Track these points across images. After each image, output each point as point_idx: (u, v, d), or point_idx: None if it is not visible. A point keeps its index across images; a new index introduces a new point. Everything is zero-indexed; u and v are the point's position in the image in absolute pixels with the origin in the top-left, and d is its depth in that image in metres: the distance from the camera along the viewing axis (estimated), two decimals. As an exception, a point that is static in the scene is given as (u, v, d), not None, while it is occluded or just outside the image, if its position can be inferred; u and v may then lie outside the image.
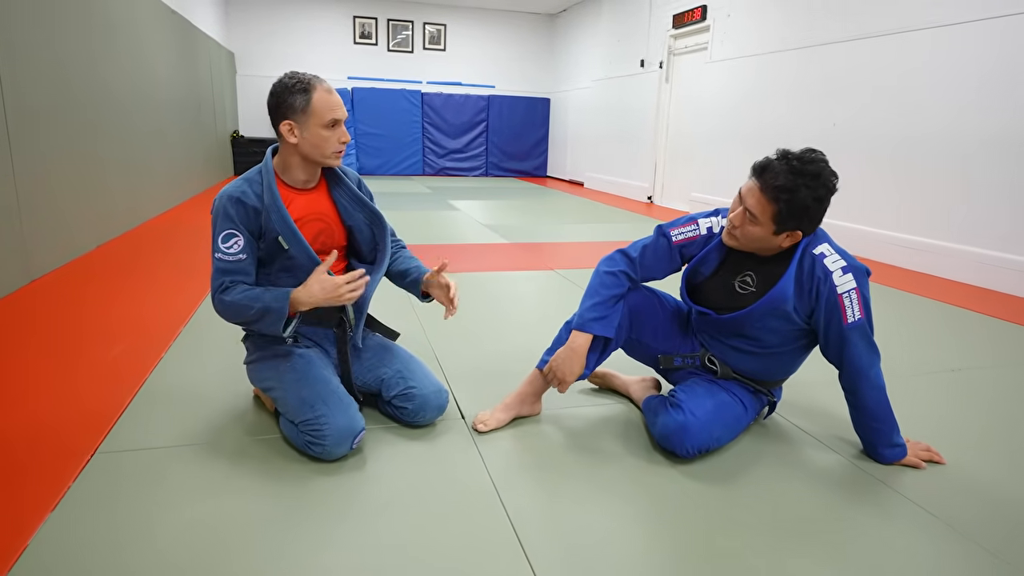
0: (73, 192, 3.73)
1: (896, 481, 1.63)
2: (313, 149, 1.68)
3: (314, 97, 1.64)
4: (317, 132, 1.66)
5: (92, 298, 3.01)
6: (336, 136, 1.68)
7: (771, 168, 1.53)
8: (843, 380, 1.68)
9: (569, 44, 10.64)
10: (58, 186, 3.53)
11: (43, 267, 3.30)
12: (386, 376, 1.81)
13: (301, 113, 1.65)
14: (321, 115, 1.64)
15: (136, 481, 1.51)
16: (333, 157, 1.71)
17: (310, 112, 1.64)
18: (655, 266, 1.77)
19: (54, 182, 3.48)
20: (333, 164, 1.73)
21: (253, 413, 1.88)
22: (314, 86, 1.65)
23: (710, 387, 1.74)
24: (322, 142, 1.67)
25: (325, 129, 1.66)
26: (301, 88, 1.64)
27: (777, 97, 5.62)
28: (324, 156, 1.70)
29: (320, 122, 1.65)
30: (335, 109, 1.66)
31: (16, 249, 3.05)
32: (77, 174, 3.79)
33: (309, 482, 1.53)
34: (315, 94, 1.64)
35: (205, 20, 7.94)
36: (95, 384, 2.05)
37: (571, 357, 1.69)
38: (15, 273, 3.03)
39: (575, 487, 1.55)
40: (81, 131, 3.88)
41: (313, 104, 1.64)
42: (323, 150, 1.68)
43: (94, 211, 4.04)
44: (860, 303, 1.57)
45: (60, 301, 2.94)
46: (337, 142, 1.69)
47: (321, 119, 1.65)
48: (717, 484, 1.59)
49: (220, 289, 1.68)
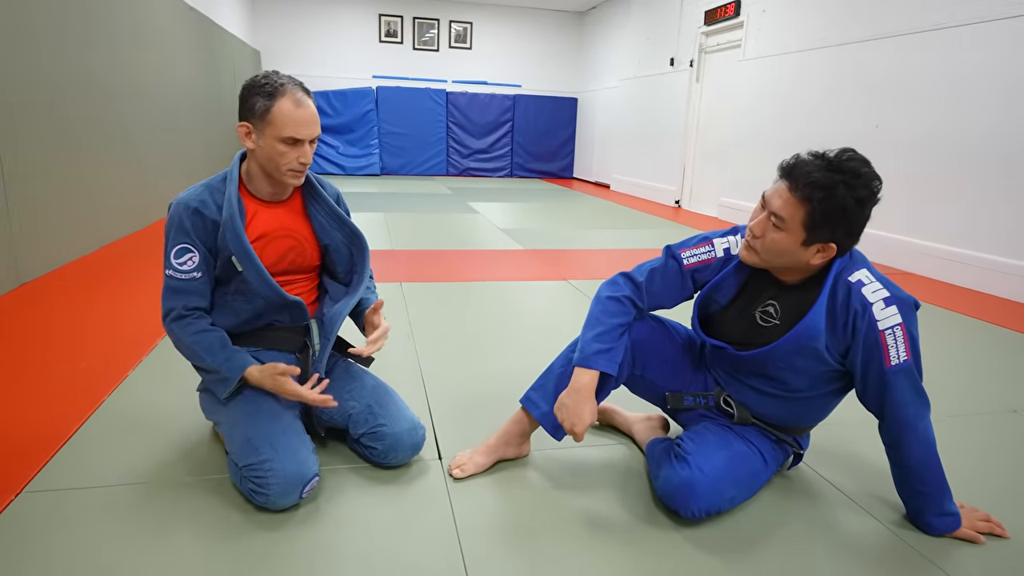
0: (68, 194, 3.61)
1: (946, 559, 1.35)
2: (267, 161, 1.48)
3: (276, 105, 1.42)
4: (272, 144, 1.45)
5: (73, 306, 2.86)
6: (296, 154, 1.47)
7: (803, 165, 1.28)
8: (884, 432, 1.40)
9: (597, 42, 10.34)
10: (51, 188, 3.41)
11: (33, 271, 3.17)
12: (353, 411, 1.59)
13: (259, 119, 1.44)
14: (279, 127, 1.43)
15: (55, 529, 1.32)
16: (288, 175, 1.50)
17: (268, 120, 1.43)
18: (664, 293, 1.52)
19: (47, 184, 3.35)
20: (288, 183, 1.52)
21: (206, 446, 1.68)
22: (281, 93, 1.43)
23: (723, 434, 1.48)
24: (277, 156, 1.46)
25: (282, 143, 1.45)
26: (267, 91, 1.43)
27: (814, 97, 5.27)
28: (278, 171, 1.49)
29: (277, 134, 1.44)
30: (298, 126, 1.44)
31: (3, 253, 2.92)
32: (72, 176, 3.67)
33: (248, 536, 1.32)
34: (279, 102, 1.43)
35: (230, 19, 7.87)
36: (46, 406, 1.88)
37: (577, 401, 1.41)
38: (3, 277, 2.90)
39: (556, 556, 1.31)
40: (80, 132, 3.76)
41: (273, 113, 1.43)
42: (277, 165, 1.47)
43: (90, 214, 3.92)
44: (906, 342, 1.30)
45: (40, 309, 2.80)
46: (296, 160, 1.47)
47: (278, 132, 1.43)
48: (727, 555, 1.33)
49: (173, 317, 1.50)
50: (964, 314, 3.33)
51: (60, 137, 3.50)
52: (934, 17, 4.16)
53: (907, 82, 4.37)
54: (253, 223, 1.54)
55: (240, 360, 1.50)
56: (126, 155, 4.46)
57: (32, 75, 3.20)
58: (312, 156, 1.50)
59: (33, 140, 3.22)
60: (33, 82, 3.21)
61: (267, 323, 1.62)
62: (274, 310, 1.59)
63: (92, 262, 3.61)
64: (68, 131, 3.60)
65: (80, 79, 3.74)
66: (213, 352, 1.49)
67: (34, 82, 3.22)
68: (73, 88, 3.65)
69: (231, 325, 1.57)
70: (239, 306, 1.56)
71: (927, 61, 4.21)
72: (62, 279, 3.23)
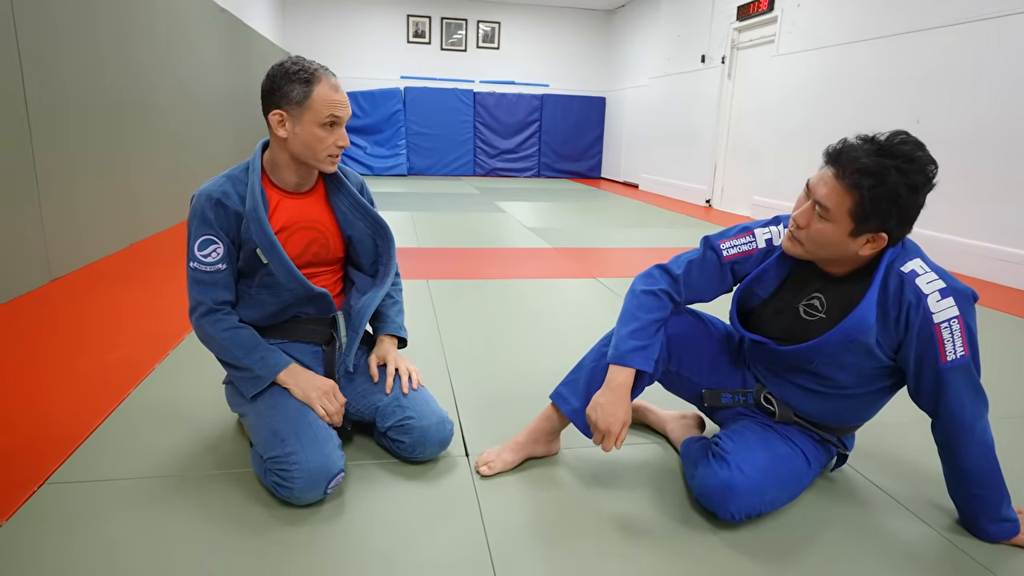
0: (100, 191, 3.66)
1: (1003, 567, 1.27)
2: (304, 149, 1.45)
3: (316, 90, 1.41)
4: (312, 130, 1.43)
5: (106, 301, 2.89)
6: (333, 138, 1.45)
7: (850, 149, 1.20)
8: (938, 433, 1.32)
9: (626, 41, 10.23)
10: (83, 185, 3.46)
11: (65, 267, 3.22)
12: (381, 404, 1.56)
13: (297, 105, 1.42)
14: (319, 111, 1.41)
15: (78, 521, 1.30)
16: (327, 162, 1.48)
17: (307, 106, 1.41)
18: (702, 286, 1.45)
19: (79, 181, 3.40)
20: (326, 169, 1.50)
21: (232, 440, 1.66)
22: (319, 78, 1.42)
23: (764, 434, 1.41)
24: (316, 142, 1.44)
25: (321, 128, 1.43)
26: (304, 77, 1.41)
27: (851, 92, 5.12)
28: (316, 159, 1.47)
29: (317, 119, 1.42)
30: (337, 107, 1.43)
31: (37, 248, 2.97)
32: (105, 173, 3.72)
33: (270, 532, 1.29)
34: (318, 87, 1.41)
35: (259, 21, 7.96)
36: (73, 398, 1.88)
37: (613, 401, 1.34)
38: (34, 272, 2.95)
39: (588, 559, 1.26)
40: (114, 129, 3.81)
41: (313, 98, 1.41)
42: (316, 152, 1.45)
43: (124, 210, 3.97)
44: (964, 336, 1.22)
45: (73, 303, 2.83)
46: (334, 145, 1.46)
47: (318, 116, 1.41)
48: (768, 561, 1.26)
49: (201, 311, 1.48)
50: (1012, 314, 3.19)
51: (93, 135, 3.55)
52: (976, 7, 4.00)
53: (951, 76, 4.21)
54: (276, 214, 1.51)
55: (274, 360, 1.48)
56: (160, 154, 4.52)
57: (68, 75, 3.25)
58: (347, 139, 1.48)
59: (67, 138, 3.26)
60: (69, 81, 3.26)
61: (293, 316, 1.59)
62: (300, 303, 1.56)
63: (123, 258, 3.65)
64: (101, 129, 3.65)
65: (116, 78, 3.80)
66: (247, 350, 1.47)
67: (70, 81, 3.27)
68: (108, 87, 3.70)
69: (256, 319, 1.55)
70: (264, 299, 1.53)
71: (972, 54, 4.05)
72: (93, 275, 3.27)
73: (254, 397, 1.47)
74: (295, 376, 1.49)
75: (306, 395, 1.46)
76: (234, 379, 1.52)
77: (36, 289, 2.92)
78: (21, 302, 2.75)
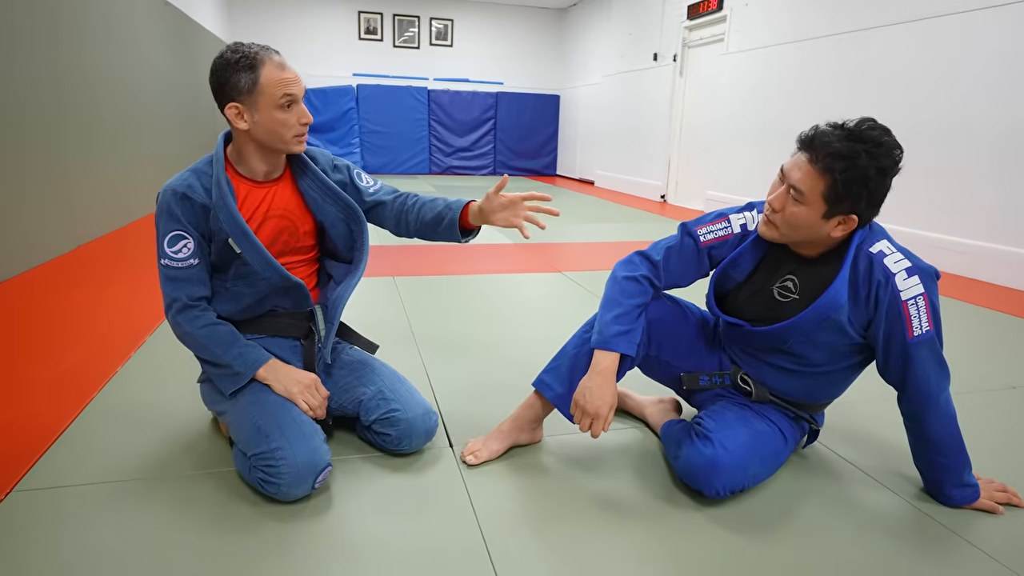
0: (46, 192, 3.50)
1: (967, 529, 1.35)
2: (268, 135, 1.41)
3: (263, 74, 1.36)
4: (270, 115, 1.39)
5: (53, 304, 2.77)
6: (295, 116, 1.41)
7: (822, 135, 1.26)
8: (904, 405, 1.39)
9: (579, 39, 10.35)
10: (28, 186, 3.30)
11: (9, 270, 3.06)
12: (365, 397, 1.55)
13: (248, 94, 1.37)
14: (272, 94, 1.37)
15: (55, 526, 1.25)
16: (294, 142, 1.44)
17: (258, 91, 1.37)
18: (681, 271, 1.49)
19: (23, 182, 3.25)
20: (294, 150, 1.46)
21: (208, 440, 1.62)
22: (262, 60, 1.37)
23: (742, 413, 1.46)
24: (278, 126, 1.40)
25: (280, 111, 1.39)
26: (247, 64, 1.36)
27: (797, 89, 5.31)
28: (283, 142, 1.43)
29: (272, 102, 1.38)
30: (289, 85, 1.39)
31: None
32: (51, 174, 3.56)
33: (259, 529, 1.27)
34: (263, 70, 1.37)
35: (206, 15, 7.73)
36: (36, 402, 1.80)
37: (601, 384, 1.37)
38: (-23, 275, 2.80)
39: (578, 538, 1.28)
40: (58, 128, 3.65)
41: (262, 83, 1.37)
42: (281, 135, 1.42)
43: (69, 211, 3.80)
44: (929, 312, 1.29)
45: (19, 307, 2.70)
46: (297, 124, 1.42)
47: (273, 99, 1.37)
48: (752, 533, 1.31)
49: (177, 308, 1.44)
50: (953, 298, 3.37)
51: (37, 135, 3.39)
52: (911, 9, 4.20)
53: (889, 73, 4.41)
54: (244, 205, 1.47)
55: (254, 356, 1.45)
56: (105, 153, 4.34)
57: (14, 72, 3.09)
58: (309, 114, 1.45)
59: (9, 138, 3.11)
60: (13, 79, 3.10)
61: (269, 309, 1.56)
62: (276, 294, 1.53)
63: (69, 261, 3.50)
64: (45, 129, 3.48)
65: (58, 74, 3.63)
66: (225, 347, 1.44)
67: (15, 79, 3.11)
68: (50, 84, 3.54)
69: (233, 312, 1.52)
70: (240, 291, 1.50)
71: (908, 52, 4.26)
72: (38, 279, 3.12)
73: (233, 394, 1.44)
74: (275, 372, 1.46)
75: (288, 390, 1.44)
76: (212, 376, 1.48)
77: (-20, 293, 2.78)
78: (-36, 307, 2.61)
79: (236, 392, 1.44)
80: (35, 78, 3.36)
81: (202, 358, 1.49)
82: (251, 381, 1.45)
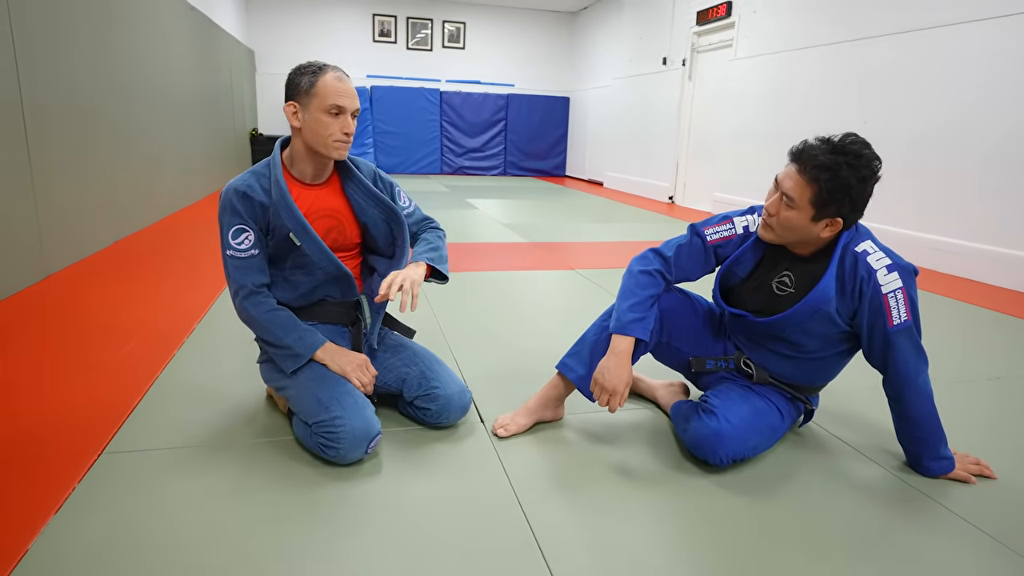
0: (88, 188, 3.72)
1: (944, 496, 1.53)
2: (313, 136, 1.60)
3: (321, 79, 1.57)
4: (318, 116, 1.58)
5: (105, 295, 2.97)
6: (339, 125, 1.60)
7: (810, 149, 1.44)
8: (887, 387, 1.57)
9: (590, 42, 10.53)
10: (73, 182, 3.51)
11: (58, 263, 3.28)
12: (408, 376, 1.74)
13: (305, 94, 1.58)
14: (324, 97, 1.57)
15: (142, 483, 1.45)
16: (334, 147, 1.62)
17: (313, 93, 1.57)
18: (690, 267, 1.68)
19: (69, 178, 3.46)
20: (334, 155, 1.64)
21: (265, 414, 1.82)
22: (325, 70, 1.59)
23: (744, 393, 1.65)
24: (322, 128, 1.59)
25: (326, 115, 1.58)
26: (311, 70, 1.58)
27: (804, 95, 5.48)
28: (324, 145, 1.61)
29: (322, 105, 1.57)
30: (341, 95, 1.58)
31: (32, 245, 3.03)
32: (92, 170, 3.78)
33: (321, 487, 1.46)
34: (323, 77, 1.58)
35: (226, 18, 7.95)
36: (105, 382, 2.00)
37: (618, 364, 1.55)
38: (30, 269, 3.01)
39: (600, 498, 1.47)
40: (97, 127, 3.86)
41: (318, 86, 1.57)
42: (323, 138, 1.60)
43: (109, 207, 4.02)
44: (907, 304, 1.47)
45: (73, 298, 2.91)
46: (339, 131, 1.60)
47: (324, 102, 1.57)
48: (752, 496, 1.49)
49: (244, 293, 1.63)
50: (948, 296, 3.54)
51: (83, 135, 3.60)
52: (920, 17, 4.37)
53: (894, 80, 4.58)
54: (297, 204, 1.66)
55: (311, 339, 1.64)
56: (137, 152, 4.56)
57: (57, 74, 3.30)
58: (354, 128, 1.64)
59: (58, 138, 3.32)
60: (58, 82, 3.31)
61: (321, 298, 1.76)
62: (328, 283, 1.72)
63: (111, 255, 3.71)
64: (90, 129, 3.70)
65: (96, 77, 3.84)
66: (286, 330, 1.63)
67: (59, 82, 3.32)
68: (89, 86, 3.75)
69: (289, 299, 1.71)
70: (297, 280, 1.69)
71: (913, 60, 4.42)
72: (86, 270, 3.33)
73: (293, 372, 1.63)
74: (330, 353, 1.65)
75: (342, 369, 1.63)
76: (274, 356, 1.67)
77: (33, 285, 2.99)
78: (21, 297, 2.81)
79: (296, 371, 1.63)
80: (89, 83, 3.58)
81: (264, 340, 1.68)
82: (309, 361, 1.64)
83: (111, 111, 4.05)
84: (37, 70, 3.08)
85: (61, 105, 3.35)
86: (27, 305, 2.74)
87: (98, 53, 3.85)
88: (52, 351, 2.25)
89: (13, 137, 2.89)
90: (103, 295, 2.95)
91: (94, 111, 3.78)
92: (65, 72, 3.40)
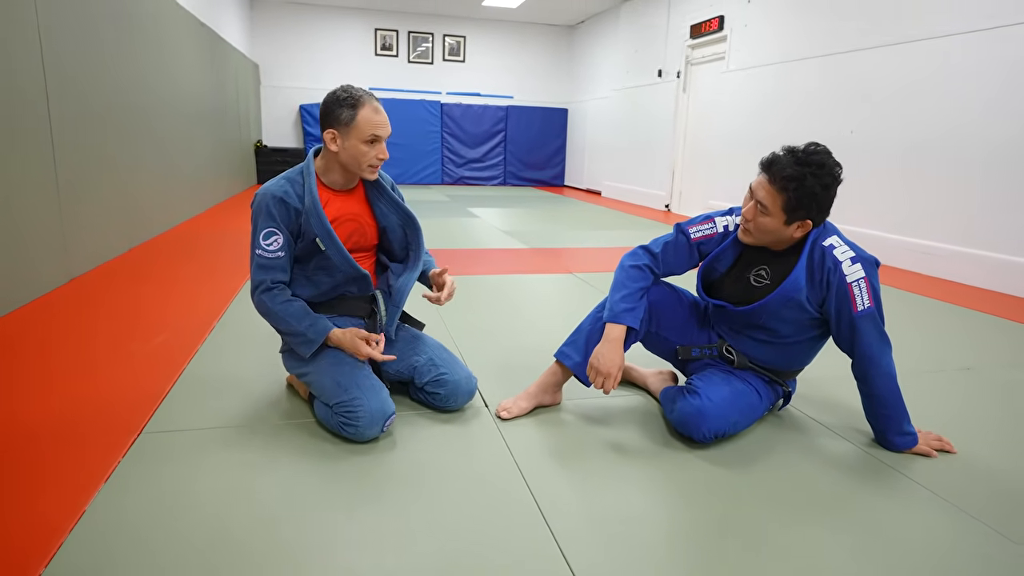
0: (108, 196, 3.89)
1: (907, 468, 1.68)
2: (350, 160, 1.77)
3: (360, 114, 1.72)
4: (356, 145, 1.74)
5: (128, 295, 3.14)
6: (375, 152, 1.76)
7: (778, 161, 1.61)
8: (855, 368, 1.73)
9: (587, 55, 10.76)
10: (94, 191, 3.68)
11: (81, 267, 3.44)
12: (418, 364, 1.90)
13: (345, 126, 1.73)
14: (363, 131, 1.73)
15: (179, 458, 1.61)
16: (368, 171, 1.79)
17: (353, 126, 1.72)
18: (675, 262, 1.84)
19: (91, 187, 3.63)
20: (367, 177, 1.81)
21: (287, 400, 1.97)
22: (363, 103, 1.73)
23: (726, 376, 1.81)
24: (360, 156, 1.76)
25: (364, 144, 1.74)
26: (350, 103, 1.73)
27: (794, 105, 5.67)
28: (359, 168, 1.78)
29: (361, 137, 1.73)
30: (378, 127, 1.74)
31: (57, 249, 3.20)
32: (112, 178, 3.95)
33: (342, 460, 1.62)
34: (361, 111, 1.72)
35: (232, 32, 8.17)
36: (137, 371, 2.16)
37: (611, 350, 1.72)
38: (56, 272, 3.17)
39: (596, 470, 1.62)
40: (116, 138, 4.04)
41: (358, 120, 1.72)
42: (359, 163, 1.77)
43: (127, 215, 4.19)
44: (869, 292, 1.63)
45: (98, 298, 3.07)
46: (374, 157, 1.77)
47: (362, 134, 1.73)
48: (734, 467, 1.65)
49: (262, 288, 1.79)
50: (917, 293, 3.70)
51: (103, 146, 3.78)
52: (903, 31, 4.57)
53: (878, 90, 4.77)
54: (326, 208, 1.83)
55: (322, 325, 1.80)
56: (152, 160, 4.74)
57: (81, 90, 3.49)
58: (387, 154, 1.81)
59: (81, 149, 3.49)
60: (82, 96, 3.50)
61: (340, 294, 1.92)
62: (348, 282, 1.89)
63: (131, 259, 3.88)
64: (110, 141, 3.88)
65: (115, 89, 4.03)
66: (299, 318, 1.79)
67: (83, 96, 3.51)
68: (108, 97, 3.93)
69: (312, 295, 1.87)
70: (320, 279, 1.86)
71: (896, 72, 4.62)
72: (109, 273, 3.50)
73: (312, 356, 1.79)
74: (339, 334, 1.79)
75: (353, 344, 1.77)
76: (291, 343, 1.83)
77: (58, 288, 3.15)
78: (49, 298, 2.98)
79: (314, 355, 1.79)
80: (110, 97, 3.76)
81: (280, 329, 1.83)
82: (323, 347, 1.80)
83: (129, 124, 4.24)
84: (64, 85, 3.26)
85: (84, 118, 3.52)
86: (56, 305, 2.90)
87: (120, 68, 4.04)
88: (86, 345, 2.41)
89: (42, 150, 3.06)
90: (126, 295, 3.11)
91: (114, 124, 3.96)
92: (88, 86, 3.58)
